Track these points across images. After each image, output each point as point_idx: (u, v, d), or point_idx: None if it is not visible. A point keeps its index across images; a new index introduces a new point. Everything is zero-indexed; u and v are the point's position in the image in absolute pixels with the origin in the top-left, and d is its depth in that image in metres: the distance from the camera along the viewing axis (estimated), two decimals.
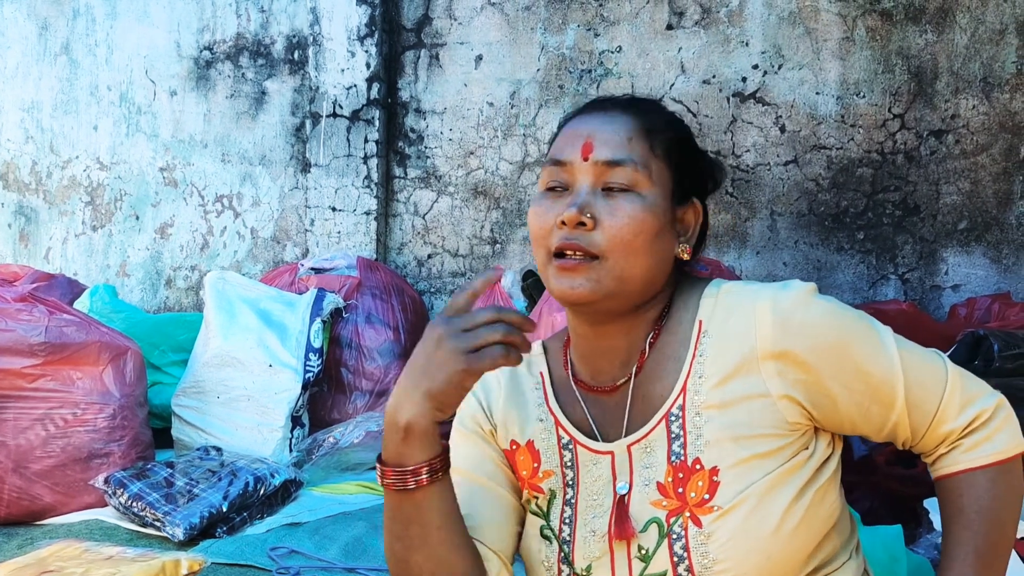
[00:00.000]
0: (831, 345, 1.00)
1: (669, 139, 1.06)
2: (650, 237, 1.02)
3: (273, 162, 4.45)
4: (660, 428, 1.04)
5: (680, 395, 1.03)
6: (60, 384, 2.73)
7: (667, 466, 1.03)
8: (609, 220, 1.01)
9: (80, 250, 4.87)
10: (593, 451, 1.08)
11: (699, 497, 1.00)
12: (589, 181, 1.03)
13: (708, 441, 1.01)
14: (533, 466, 1.11)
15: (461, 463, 1.15)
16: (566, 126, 1.08)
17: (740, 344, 1.01)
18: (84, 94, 4.87)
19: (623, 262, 1.01)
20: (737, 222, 3.71)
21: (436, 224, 4.18)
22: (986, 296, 3.20)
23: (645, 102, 1.11)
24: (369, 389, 3.63)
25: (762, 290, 1.03)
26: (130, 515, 2.58)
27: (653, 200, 1.03)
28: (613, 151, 1.02)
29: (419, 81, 4.19)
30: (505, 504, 1.13)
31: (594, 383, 1.10)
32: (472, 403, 1.18)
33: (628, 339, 1.07)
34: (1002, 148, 3.39)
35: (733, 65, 3.71)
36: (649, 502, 1.03)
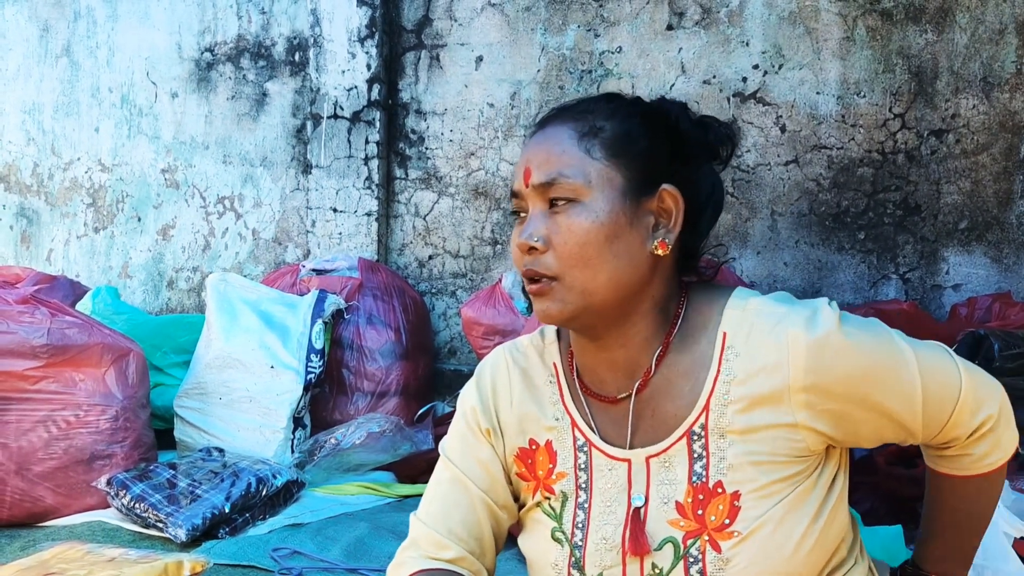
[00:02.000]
0: (861, 376, 0.99)
1: (609, 136, 1.02)
2: (600, 244, 0.99)
3: (274, 163, 4.46)
4: (681, 445, 1.02)
5: (703, 413, 1.02)
6: (62, 386, 2.74)
7: (687, 486, 1.01)
8: (556, 239, 1.00)
9: (82, 252, 4.88)
10: (609, 456, 1.07)
11: (719, 521, 0.99)
12: (538, 206, 1.03)
13: (731, 465, 1.00)
14: (549, 467, 1.10)
15: (456, 458, 1.15)
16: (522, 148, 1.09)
17: (771, 374, 0.99)
18: (85, 96, 4.88)
19: (580, 276, 1.00)
20: (738, 222, 3.72)
21: (437, 225, 4.19)
22: (987, 296, 3.20)
23: (583, 103, 1.07)
24: (370, 390, 3.64)
25: (792, 315, 1.00)
26: (132, 516, 2.58)
27: (597, 206, 1.00)
28: (545, 171, 1.02)
29: (419, 82, 4.20)
30: (488, 510, 1.12)
31: (598, 391, 1.09)
32: (473, 396, 1.16)
33: (626, 350, 1.05)
34: (1002, 147, 3.39)
35: (733, 65, 3.71)
36: (666, 520, 1.02)
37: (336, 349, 3.63)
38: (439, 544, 1.10)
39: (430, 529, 1.11)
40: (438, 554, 1.10)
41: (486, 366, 1.17)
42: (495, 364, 1.16)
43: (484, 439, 1.14)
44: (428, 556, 1.10)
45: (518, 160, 1.08)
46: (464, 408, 1.16)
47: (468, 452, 1.14)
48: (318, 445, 3.21)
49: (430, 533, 1.11)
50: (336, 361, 3.62)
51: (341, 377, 3.63)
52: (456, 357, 4.17)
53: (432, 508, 1.13)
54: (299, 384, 3.30)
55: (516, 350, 1.17)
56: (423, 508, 1.15)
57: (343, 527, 2.64)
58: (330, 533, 2.60)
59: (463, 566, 1.09)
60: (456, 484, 1.13)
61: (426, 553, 1.10)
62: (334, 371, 3.62)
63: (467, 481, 1.12)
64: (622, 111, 1.05)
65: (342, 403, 3.62)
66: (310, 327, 3.44)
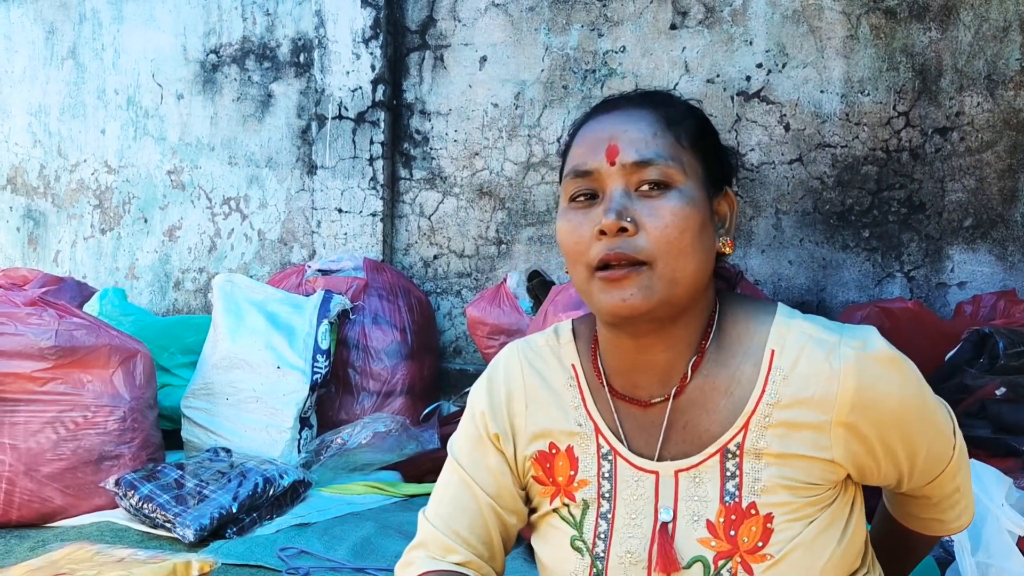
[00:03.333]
0: (896, 422, 0.99)
1: (693, 128, 1.00)
2: (696, 233, 0.95)
3: (279, 164, 4.47)
4: (713, 462, 0.99)
5: (741, 432, 0.99)
6: (70, 387, 2.75)
7: (719, 505, 0.99)
8: (652, 221, 0.94)
9: (89, 253, 4.90)
10: (636, 467, 1.03)
11: (752, 544, 0.97)
12: (621, 185, 0.96)
13: (765, 487, 0.98)
14: (570, 473, 1.06)
15: (464, 460, 1.12)
16: (582, 131, 1.01)
17: (818, 406, 0.96)
18: (91, 98, 4.90)
19: (674, 264, 0.94)
20: (742, 221, 3.72)
21: (442, 225, 4.20)
22: (992, 293, 3.20)
23: (659, 94, 1.04)
24: (376, 390, 3.65)
25: (843, 344, 0.97)
26: (141, 517, 2.60)
27: (691, 193, 0.96)
28: (640, 150, 0.95)
29: (424, 83, 4.20)
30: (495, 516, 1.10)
31: (628, 395, 1.05)
32: (484, 399, 1.11)
33: (668, 354, 1.01)
34: (1007, 145, 3.39)
35: (737, 64, 3.71)
36: (696, 539, 0.99)
37: (342, 349, 3.65)
38: (446, 547, 1.09)
39: (438, 531, 1.10)
40: (445, 557, 1.08)
41: (499, 367, 1.12)
42: (508, 366, 1.11)
43: (492, 445, 1.11)
44: (435, 558, 1.09)
45: (580, 139, 1.00)
46: (474, 411, 1.12)
47: (476, 457, 1.11)
48: (324, 445, 3.22)
49: (438, 536, 1.10)
50: (342, 361, 3.63)
51: (347, 377, 3.65)
52: (461, 356, 4.18)
53: (440, 509, 1.11)
54: (305, 384, 3.31)
55: (531, 350, 1.12)
56: (431, 508, 1.13)
57: (350, 527, 2.66)
58: (337, 533, 2.61)
59: (471, 568, 1.08)
60: (464, 488, 1.10)
61: (433, 555, 1.09)
62: (340, 371, 3.63)
63: (474, 486, 1.10)
64: (695, 108, 1.04)
65: (348, 403, 3.63)
66: (316, 327, 3.45)
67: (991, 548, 1.52)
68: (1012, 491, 1.62)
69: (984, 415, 2.54)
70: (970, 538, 1.57)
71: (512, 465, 1.11)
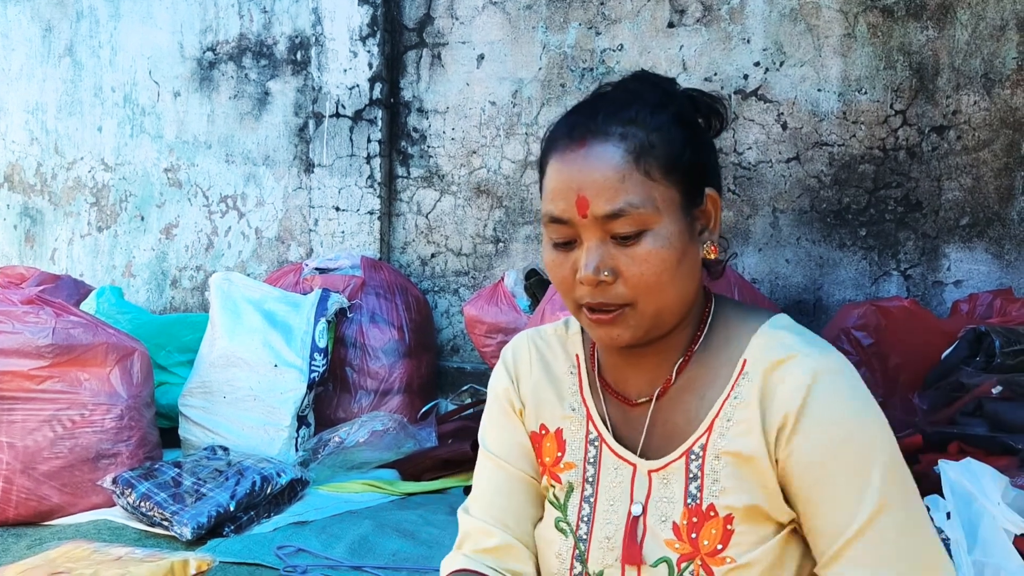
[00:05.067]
0: (826, 468, 0.95)
1: (665, 152, 0.97)
2: (674, 267, 0.97)
3: (277, 162, 4.47)
4: (680, 463, 1.02)
5: (705, 434, 1.00)
6: (67, 385, 2.75)
7: (683, 507, 1.01)
8: (628, 270, 0.96)
9: (86, 251, 4.90)
10: (618, 456, 1.06)
11: (712, 546, 0.98)
12: (596, 236, 0.96)
13: (724, 488, 0.98)
14: (557, 455, 1.10)
15: (494, 447, 1.15)
16: (552, 166, 1.00)
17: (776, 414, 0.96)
18: (88, 95, 4.89)
19: (654, 301, 0.97)
20: (739, 219, 3.72)
21: (439, 223, 4.20)
22: (988, 292, 3.20)
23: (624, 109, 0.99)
24: (374, 388, 3.65)
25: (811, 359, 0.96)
26: (138, 515, 2.60)
27: (667, 230, 0.96)
28: (609, 201, 0.95)
29: (421, 80, 4.20)
30: (536, 493, 1.13)
31: (619, 391, 1.08)
32: (503, 377, 1.16)
33: (658, 358, 1.05)
34: (1003, 144, 3.39)
35: (735, 63, 3.71)
36: (663, 539, 1.01)
37: (339, 347, 3.64)
38: (485, 532, 1.12)
39: (476, 520, 1.13)
40: (484, 543, 1.11)
41: (508, 349, 1.18)
42: (517, 347, 1.17)
43: (519, 419, 1.15)
44: (475, 548, 1.12)
45: (552, 178, 0.99)
46: (497, 391, 1.17)
47: (505, 436, 1.14)
48: (322, 443, 3.22)
49: (475, 523, 1.13)
50: (339, 359, 3.63)
51: (344, 375, 3.65)
52: (459, 355, 4.18)
53: (478, 499, 1.15)
54: (303, 383, 3.31)
55: (539, 337, 1.17)
56: (470, 502, 1.16)
57: (347, 525, 2.66)
58: (334, 531, 2.61)
59: (504, 557, 1.10)
60: (497, 472, 1.14)
61: (474, 546, 1.12)
62: (337, 369, 3.63)
63: (507, 466, 1.13)
64: (660, 115, 0.99)
65: (346, 401, 3.63)
66: (313, 326, 3.45)
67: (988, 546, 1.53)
68: (1009, 490, 1.63)
69: (981, 413, 2.54)
70: (966, 536, 1.58)
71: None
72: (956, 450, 2.34)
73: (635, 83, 1.03)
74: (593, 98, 1.04)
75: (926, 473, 2.27)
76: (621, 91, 1.03)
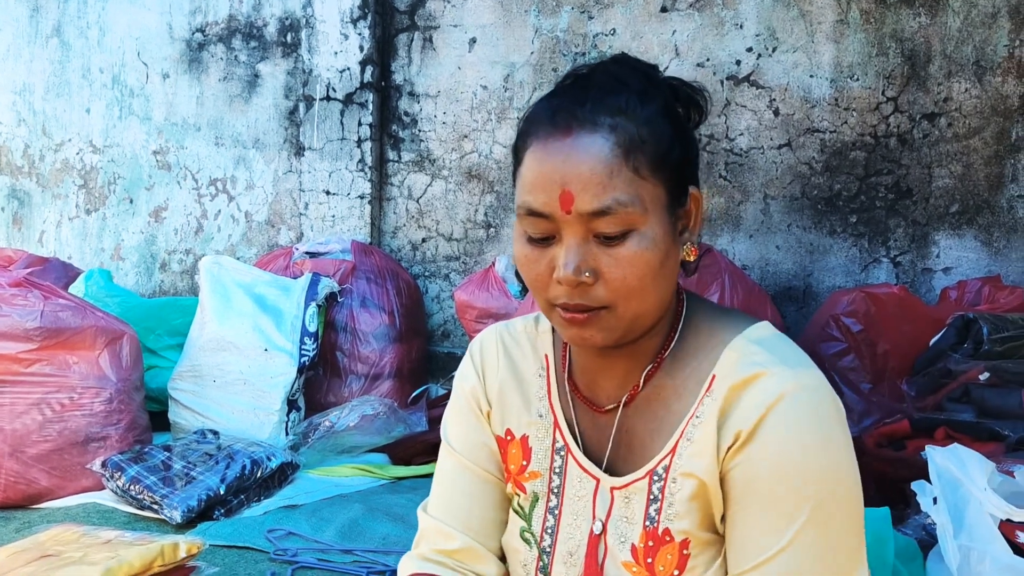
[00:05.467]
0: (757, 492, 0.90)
1: (654, 148, 0.91)
2: (656, 270, 0.91)
3: (267, 145, 4.44)
4: (643, 483, 0.97)
5: (669, 455, 0.96)
6: (56, 369, 2.74)
7: (642, 529, 0.97)
8: (610, 272, 0.90)
9: (74, 234, 4.87)
10: (583, 468, 1.02)
11: (668, 572, 0.95)
12: (578, 233, 0.90)
13: (678, 512, 0.95)
14: (522, 463, 1.06)
15: (457, 444, 1.10)
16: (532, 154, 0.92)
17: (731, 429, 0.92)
18: (76, 76, 4.84)
19: (633, 305, 0.92)
20: (730, 206, 3.72)
21: (430, 208, 4.19)
22: (976, 279, 3.22)
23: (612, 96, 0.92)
24: (364, 373, 3.65)
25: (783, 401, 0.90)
26: (128, 498, 2.60)
27: (652, 231, 0.91)
28: (596, 197, 0.88)
29: (412, 64, 4.18)
30: (502, 496, 1.09)
31: (588, 396, 1.04)
32: (471, 375, 1.11)
33: (629, 363, 1.00)
34: (994, 131, 3.40)
35: (727, 48, 3.70)
36: (621, 561, 0.98)
37: (330, 332, 3.64)
38: (445, 535, 1.08)
39: (436, 521, 1.09)
40: (444, 545, 1.08)
41: (477, 344, 1.13)
42: (485, 343, 1.12)
43: (486, 421, 1.10)
44: (433, 549, 1.08)
45: (531, 167, 0.92)
46: (464, 388, 1.11)
47: (471, 436, 1.10)
48: (312, 427, 3.22)
49: (436, 524, 1.09)
50: (330, 344, 3.63)
51: (335, 360, 3.64)
52: (449, 340, 4.18)
53: (439, 499, 1.11)
54: (293, 367, 3.30)
55: (508, 333, 1.11)
56: (430, 500, 1.13)
57: (337, 508, 2.66)
58: (325, 514, 2.61)
59: (467, 560, 1.08)
60: (461, 472, 1.10)
61: (432, 546, 1.09)
62: (328, 354, 3.62)
63: (472, 466, 1.09)
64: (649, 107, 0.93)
65: (336, 386, 3.63)
66: (304, 310, 3.44)
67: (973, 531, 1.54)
68: (995, 475, 1.64)
69: (968, 400, 2.56)
70: (952, 521, 1.59)
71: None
72: (943, 436, 2.36)
73: (617, 67, 0.97)
74: (575, 81, 0.97)
75: (913, 458, 2.29)
76: (605, 76, 0.95)
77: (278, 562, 2.27)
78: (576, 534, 1.01)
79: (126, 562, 1.62)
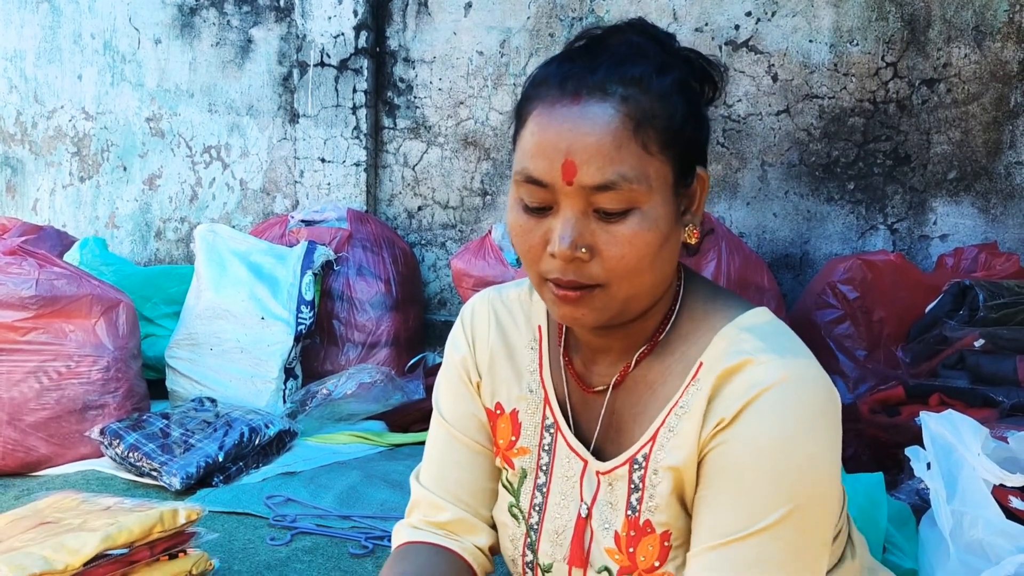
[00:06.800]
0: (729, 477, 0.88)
1: (665, 124, 0.87)
2: (656, 252, 0.88)
3: (261, 112, 4.41)
4: (624, 470, 0.96)
5: (649, 443, 0.94)
6: (52, 337, 2.74)
7: (624, 518, 0.96)
8: (608, 250, 0.87)
9: (68, 202, 4.84)
10: (571, 448, 1.00)
11: (649, 562, 0.94)
12: (577, 207, 0.86)
13: (658, 505, 0.93)
14: (511, 439, 1.04)
15: (447, 414, 1.09)
16: (536, 118, 0.88)
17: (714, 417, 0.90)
18: (67, 42, 4.78)
19: (628, 286, 0.89)
20: (728, 173, 3.71)
21: (426, 175, 4.16)
22: (973, 246, 3.22)
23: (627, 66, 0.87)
24: (361, 341, 3.65)
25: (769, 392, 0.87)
26: (127, 465, 2.61)
27: (655, 211, 0.87)
28: (601, 171, 0.84)
29: (408, 29, 4.13)
30: (493, 468, 1.09)
31: (581, 373, 1.02)
32: (461, 344, 1.08)
33: (626, 343, 0.98)
34: (993, 97, 3.38)
35: (726, 12, 3.66)
36: (605, 547, 0.97)
37: (326, 300, 3.64)
38: (436, 506, 1.08)
39: (427, 491, 1.09)
40: (435, 517, 1.08)
41: (468, 310, 1.10)
42: (476, 311, 1.09)
43: (475, 392, 1.09)
44: (424, 520, 1.09)
45: (533, 132, 0.88)
46: (454, 358, 1.09)
47: (461, 406, 1.09)
48: (310, 395, 3.24)
49: (427, 495, 1.09)
50: (326, 312, 3.63)
51: (332, 328, 3.64)
52: (446, 308, 4.18)
53: (430, 469, 1.10)
54: (290, 335, 3.31)
55: (500, 301, 1.08)
56: (422, 470, 1.12)
57: (335, 475, 2.68)
58: (323, 481, 2.63)
59: (458, 531, 1.08)
60: (451, 442, 1.09)
61: (424, 516, 1.09)
62: (324, 322, 3.62)
63: (462, 437, 1.08)
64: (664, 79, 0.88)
65: (333, 354, 3.64)
66: (300, 278, 3.43)
67: (966, 496, 1.55)
68: (988, 441, 1.65)
69: (963, 366, 2.57)
70: (946, 486, 1.60)
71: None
72: (937, 402, 2.37)
73: (634, 34, 0.91)
74: (588, 44, 0.92)
75: (907, 424, 2.31)
76: (621, 43, 0.90)
77: (277, 528, 2.29)
78: (564, 514, 1.01)
79: (126, 528, 1.63)
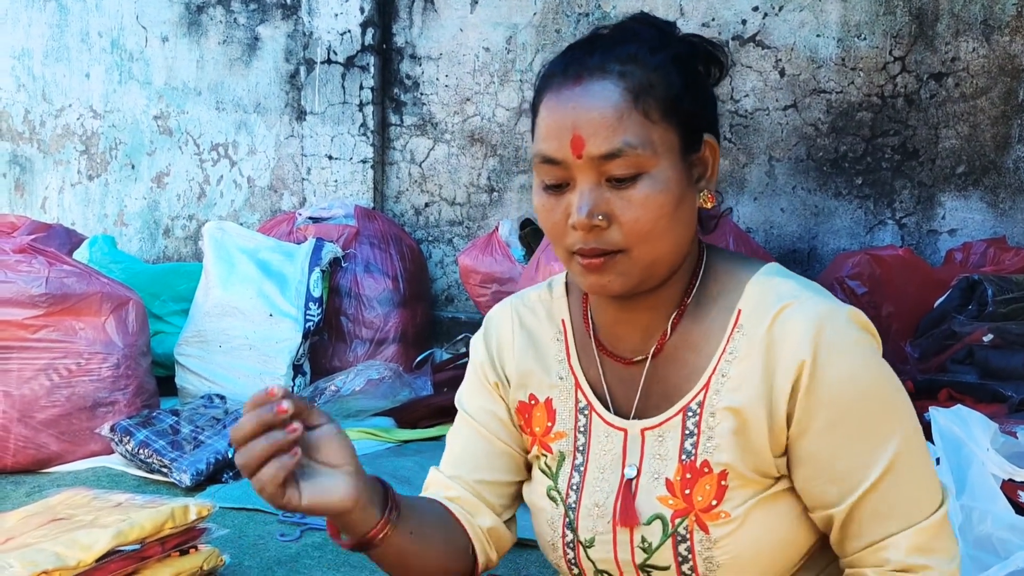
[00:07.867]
0: (844, 418, 0.93)
1: (664, 92, 0.94)
2: (671, 213, 0.94)
3: (268, 110, 4.41)
4: (676, 420, 1.00)
5: (703, 391, 0.99)
6: (63, 334, 2.75)
7: (677, 463, 1.00)
8: (623, 215, 0.93)
9: (76, 200, 4.86)
10: (608, 423, 1.05)
11: (706, 502, 0.98)
12: (591, 178, 0.93)
13: (718, 444, 0.97)
14: (547, 425, 1.09)
15: (470, 409, 1.15)
16: (545, 104, 0.96)
17: (789, 361, 0.94)
18: (75, 41, 4.80)
19: (649, 249, 0.94)
20: (735, 168, 3.70)
21: (433, 172, 4.17)
22: (982, 240, 3.21)
23: (622, 46, 0.95)
24: (369, 338, 3.66)
25: (827, 323, 0.93)
26: (137, 462, 2.62)
27: (665, 175, 0.93)
28: (607, 140, 0.91)
29: (414, 26, 4.13)
30: (507, 460, 1.13)
31: (613, 350, 1.06)
32: (481, 350, 1.15)
33: (651, 313, 1.02)
34: (1001, 91, 3.37)
35: (733, 7, 3.65)
36: (656, 496, 1.00)
37: (334, 297, 3.65)
38: (446, 486, 1.13)
39: (441, 474, 1.14)
40: (445, 494, 1.13)
41: (491, 319, 1.16)
42: (499, 318, 1.15)
43: (494, 392, 1.14)
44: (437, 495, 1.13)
45: (544, 116, 0.96)
46: (475, 360, 1.16)
47: (480, 404, 1.14)
48: (318, 392, 3.24)
49: (440, 477, 1.14)
50: (334, 309, 3.64)
51: (339, 325, 3.65)
52: (453, 305, 4.19)
53: (448, 458, 1.16)
54: (298, 332, 3.32)
55: (523, 305, 1.15)
56: (443, 457, 1.17)
57: None
58: None
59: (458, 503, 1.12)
60: (473, 434, 1.14)
61: (436, 493, 1.14)
62: (332, 319, 3.63)
63: (482, 430, 1.13)
64: (659, 55, 0.95)
65: (341, 350, 3.65)
66: (308, 275, 3.44)
67: (976, 491, 1.55)
68: (997, 436, 1.65)
69: (971, 361, 2.57)
70: (955, 481, 1.60)
71: (510, 411, 1.15)
72: (946, 397, 2.37)
73: (633, 23, 1.00)
74: (590, 37, 1.00)
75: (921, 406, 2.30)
76: (619, 31, 0.99)
77: (287, 524, 2.30)
78: (604, 486, 1.04)
79: (137, 524, 1.64)
